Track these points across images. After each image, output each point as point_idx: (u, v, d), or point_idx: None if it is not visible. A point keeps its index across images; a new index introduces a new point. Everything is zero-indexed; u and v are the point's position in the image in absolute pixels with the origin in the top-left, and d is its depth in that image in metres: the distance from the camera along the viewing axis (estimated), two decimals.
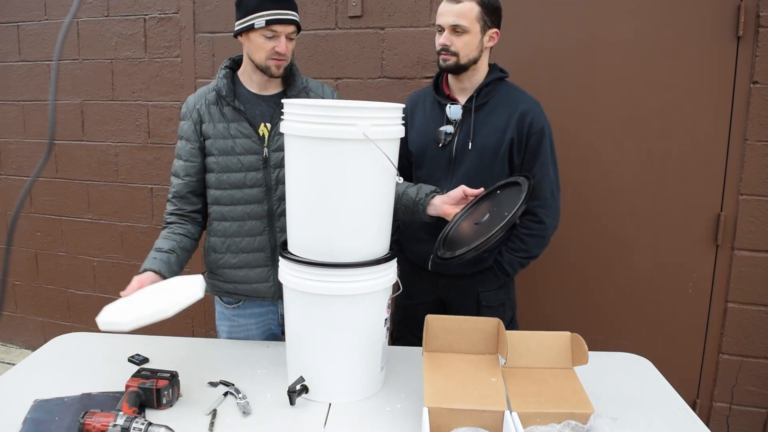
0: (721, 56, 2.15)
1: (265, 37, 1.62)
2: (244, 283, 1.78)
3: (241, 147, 1.69)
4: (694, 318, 2.35)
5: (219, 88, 1.69)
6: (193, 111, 1.71)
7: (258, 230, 1.74)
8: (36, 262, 3.28)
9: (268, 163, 1.70)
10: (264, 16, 1.59)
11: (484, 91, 1.79)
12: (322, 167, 1.37)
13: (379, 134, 1.33)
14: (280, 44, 1.62)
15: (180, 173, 1.74)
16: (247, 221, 1.73)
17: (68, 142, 3.04)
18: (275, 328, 1.90)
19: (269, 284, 1.78)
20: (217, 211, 1.75)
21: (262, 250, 1.76)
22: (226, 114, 1.69)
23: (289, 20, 1.62)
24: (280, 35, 1.62)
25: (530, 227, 1.82)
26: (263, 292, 1.79)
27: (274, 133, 1.70)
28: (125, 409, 1.31)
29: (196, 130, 1.71)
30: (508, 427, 1.20)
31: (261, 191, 1.71)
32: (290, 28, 1.63)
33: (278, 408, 1.42)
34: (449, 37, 1.72)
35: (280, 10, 1.60)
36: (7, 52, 3.07)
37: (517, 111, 1.76)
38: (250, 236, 1.74)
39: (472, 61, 1.75)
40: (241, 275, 1.77)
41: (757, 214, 2.21)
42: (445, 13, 1.72)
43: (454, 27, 1.70)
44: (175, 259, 1.65)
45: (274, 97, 1.73)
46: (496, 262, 1.86)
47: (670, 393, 1.53)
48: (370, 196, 1.41)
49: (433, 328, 1.46)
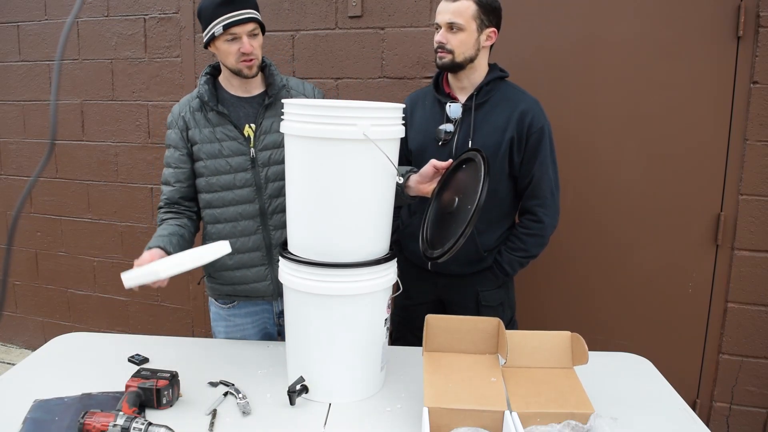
0: (721, 56, 2.15)
1: (227, 41, 1.65)
2: (243, 284, 1.79)
3: (228, 149, 1.72)
4: (694, 318, 2.34)
5: (201, 95, 1.72)
6: (179, 119, 1.75)
7: (252, 230, 1.76)
8: (36, 262, 3.28)
9: (256, 162, 1.73)
10: (220, 22, 1.62)
11: (484, 89, 1.80)
12: (322, 167, 1.37)
13: (379, 134, 1.33)
14: (243, 44, 1.65)
15: (170, 180, 1.78)
16: (240, 222, 1.75)
17: (68, 142, 3.04)
18: (271, 327, 1.91)
19: (267, 282, 1.79)
20: (210, 215, 1.77)
21: (257, 249, 1.77)
22: (210, 119, 1.72)
23: (245, 19, 1.64)
24: (240, 36, 1.64)
25: (529, 227, 1.82)
26: (262, 291, 1.80)
27: (260, 133, 1.73)
28: (125, 409, 1.31)
29: (183, 137, 1.74)
30: (508, 427, 1.20)
31: (251, 191, 1.74)
32: (249, 27, 1.65)
33: (278, 408, 1.42)
34: (445, 34, 1.73)
35: (234, 12, 1.62)
36: (7, 52, 3.07)
37: (517, 110, 1.76)
38: (244, 236, 1.76)
39: (468, 59, 1.75)
40: (238, 276, 1.79)
41: (757, 214, 2.21)
42: (443, 11, 1.73)
43: (450, 25, 1.72)
44: (177, 240, 1.65)
45: (256, 98, 1.76)
46: (496, 262, 1.86)
47: (670, 393, 1.53)
48: (370, 195, 1.41)
49: (433, 328, 1.46)
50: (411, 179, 1.64)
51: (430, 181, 1.63)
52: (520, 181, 1.83)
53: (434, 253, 1.53)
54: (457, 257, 1.85)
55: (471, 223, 1.42)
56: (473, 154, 1.55)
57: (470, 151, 1.58)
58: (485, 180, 1.44)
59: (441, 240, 1.53)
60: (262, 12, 1.64)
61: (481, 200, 1.41)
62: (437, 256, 1.51)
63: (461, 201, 1.51)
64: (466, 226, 1.42)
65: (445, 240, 1.49)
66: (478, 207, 1.41)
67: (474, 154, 1.55)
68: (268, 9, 2.59)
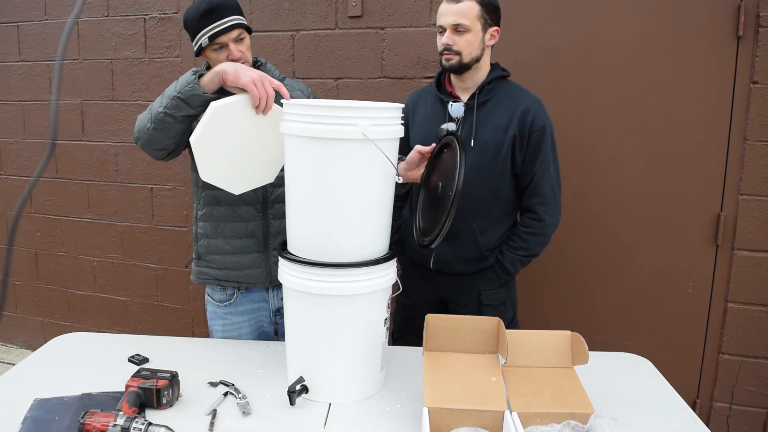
0: (721, 56, 2.15)
1: (215, 50, 1.67)
2: (237, 270, 1.80)
3: None
4: (694, 318, 2.35)
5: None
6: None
7: (251, 216, 1.77)
8: (36, 262, 3.29)
9: None
10: (205, 33, 1.64)
11: (486, 88, 1.80)
12: (322, 167, 1.37)
13: (378, 134, 1.33)
14: (231, 52, 1.66)
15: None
16: (241, 206, 1.76)
17: (68, 142, 3.04)
18: (267, 326, 1.92)
19: (261, 269, 1.80)
20: (211, 195, 1.77)
21: (254, 236, 1.78)
22: None
23: (229, 27, 1.64)
24: (227, 44, 1.66)
25: (530, 225, 1.82)
26: (255, 278, 1.81)
27: None
28: (125, 409, 1.31)
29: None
30: (508, 427, 1.20)
31: None
32: (234, 33, 1.66)
33: (278, 408, 1.42)
34: (451, 36, 1.73)
35: (217, 22, 1.63)
36: (7, 52, 3.07)
37: (519, 109, 1.77)
38: (243, 221, 1.77)
39: (474, 59, 1.76)
40: (233, 261, 1.79)
41: (757, 214, 2.21)
42: (446, 14, 1.73)
43: (455, 26, 1.71)
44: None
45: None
46: (497, 261, 1.86)
47: (670, 393, 1.53)
48: (371, 195, 1.41)
49: (433, 328, 1.46)
50: (399, 167, 1.65)
51: (417, 167, 1.65)
52: (521, 180, 1.83)
53: (424, 240, 1.54)
54: (458, 256, 1.86)
55: (452, 210, 1.42)
56: (450, 138, 1.57)
57: (447, 136, 1.59)
58: (461, 164, 1.45)
59: (431, 226, 1.54)
60: (262, 12, 1.65)
61: (459, 185, 1.42)
62: (427, 243, 1.51)
63: (444, 186, 1.52)
64: (448, 213, 1.43)
65: (434, 226, 1.50)
66: (457, 192, 1.42)
67: (451, 139, 1.56)
68: (268, 9, 2.59)
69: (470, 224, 1.82)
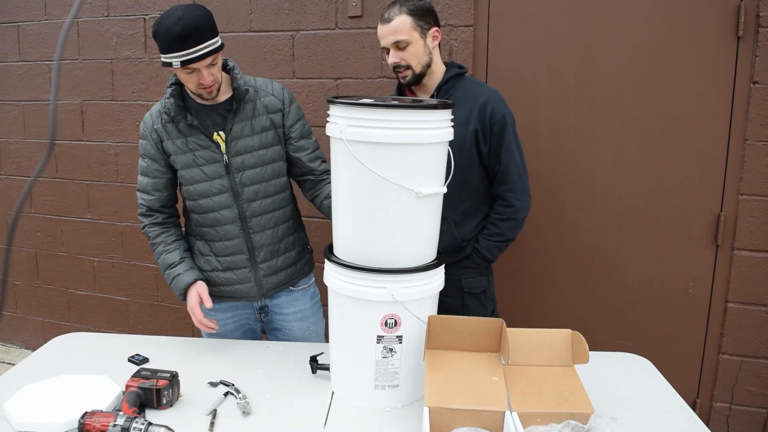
0: (721, 56, 2.15)
1: (186, 73, 1.63)
2: (227, 285, 1.84)
3: (201, 158, 1.74)
4: (694, 318, 2.34)
5: (167, 110, 1.72)
6: (152, 131, 1.77)
7: (233, 234, 1.79)
8: (36, 262, 3.28)
9: (230, 168, 1.75)
10: (177, 57, 1.57)
11: (443, 88, 1.85)
12: (372, 172, 1.35)
13: (429, 138, 1.35)
14: (202, 77, 1.63)
15: (149, 189, 1.81)
16: (222, 227, 1.79)
17: (68, 142, 3.04)
18: (253, 323, 1.95)
19: (251, 284, 1.83)
20: (195, 219, 1.83)
21: (240, 252, 1.81)
22: (182, 129, 1.74)
23: (203, 55, 1.58)
24: (199, 70, 1.61)
25: (502, 212, 1.87)
26: (245, 293, 1.84)
27: (231, 139, 1.73)
28: (125, 409, 1.31)
29: (158, 149, 1.77)
30: (508, 427, 1.20)
31: (228, 196, 1.76)
32: (206, 61, 1.60)
33: (278, 408, 1.43)
34: (396, 54, 1.79)
35: (190, 50, 1.56)
36: (7, 52, 3.07)
37: (477, 102, 1.81)
38: (227, 240, 1.80)
39: (425, 65, 1.82)
40: (225, 277, 1.83)
41: (757, 214, 2.21)
42: (384, 35, 1.80)
43: (396, 44, 1.78)
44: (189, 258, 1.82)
45: (223, 104, 1.76)
46: (475, 250, 1.90)
47: (670, 393, 1.53)
48: (421, 200, 1.40)
49: (435, 328, 1.46)
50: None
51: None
52: (491, 170, 1.88)
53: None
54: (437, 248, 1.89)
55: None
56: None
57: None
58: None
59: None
60: (262, 12, 1.63)
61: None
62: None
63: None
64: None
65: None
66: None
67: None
68: (268, 9, 2.59)
69: (445, 218, 1.84)
